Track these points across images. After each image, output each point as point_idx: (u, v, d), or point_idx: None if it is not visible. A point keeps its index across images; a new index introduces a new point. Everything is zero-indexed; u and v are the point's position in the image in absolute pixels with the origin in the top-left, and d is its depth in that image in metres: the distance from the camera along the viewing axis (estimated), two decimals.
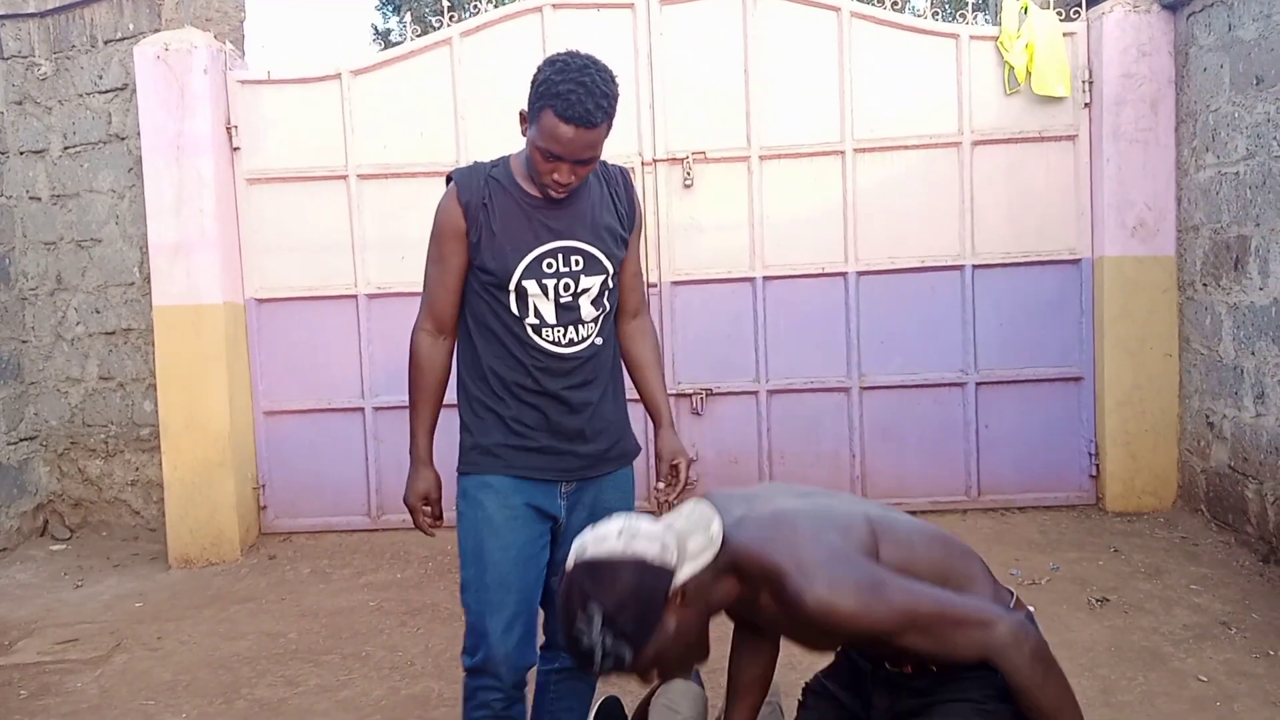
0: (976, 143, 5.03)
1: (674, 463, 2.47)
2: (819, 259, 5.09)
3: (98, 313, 5.62)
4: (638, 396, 2.56)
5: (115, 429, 5.65)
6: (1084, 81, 4.95)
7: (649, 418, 2.56)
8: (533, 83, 2.17)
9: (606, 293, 2.36)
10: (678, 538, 1.78)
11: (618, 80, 2.20)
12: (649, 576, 1.71)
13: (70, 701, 3.59)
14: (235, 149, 5.13)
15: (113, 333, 5.59)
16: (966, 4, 5.11)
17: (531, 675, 2.44)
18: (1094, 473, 5.07)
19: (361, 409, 5.25)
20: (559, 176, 2.20)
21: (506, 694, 2.30)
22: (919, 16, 5.22)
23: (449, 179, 2.38)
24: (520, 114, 2.24)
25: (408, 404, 2.42)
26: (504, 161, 2.37)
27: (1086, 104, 4.96)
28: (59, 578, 5.05)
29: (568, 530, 2.37)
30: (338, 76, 5.14)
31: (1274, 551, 4.14)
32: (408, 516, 2.44)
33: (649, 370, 2.54)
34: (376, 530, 5.21)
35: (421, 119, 5.12)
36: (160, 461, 5.13)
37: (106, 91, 5.48)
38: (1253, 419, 4.30)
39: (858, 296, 5.09)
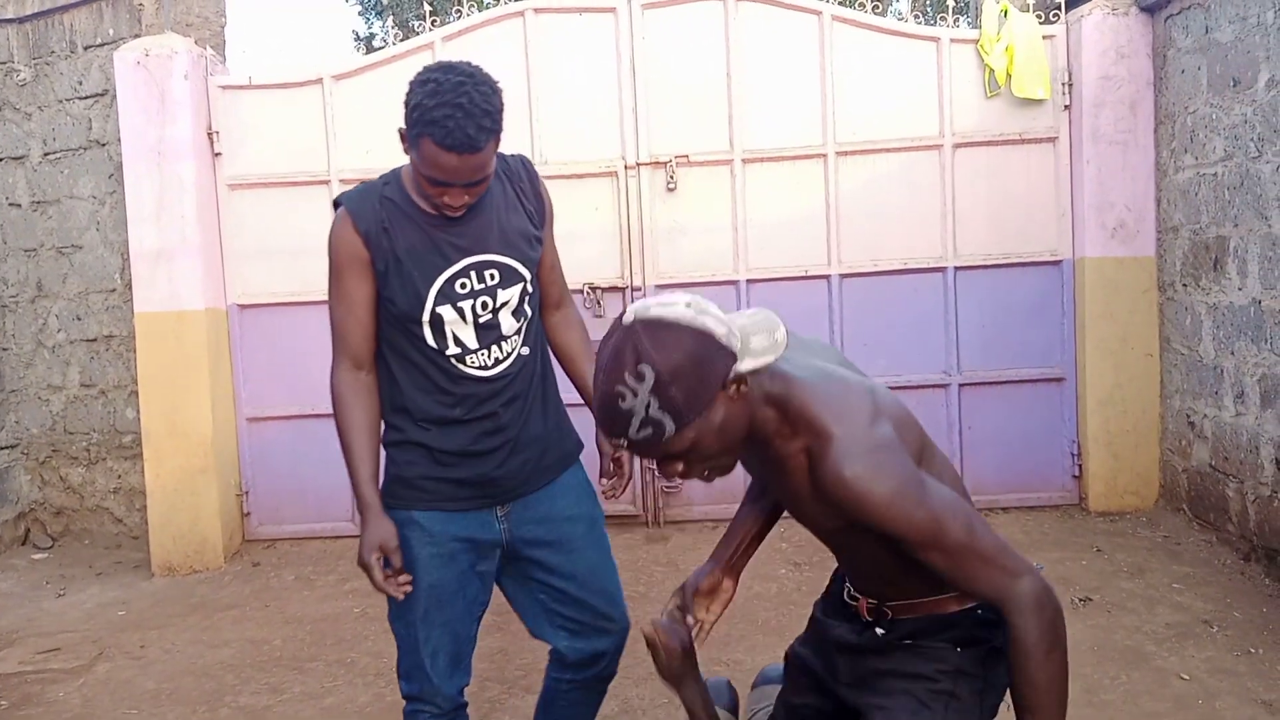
0: (958, 145, 5.05)
1: (615, 456, 2.34)
2: (802, 262, 5.10)
3: (79, 320, 5.59)
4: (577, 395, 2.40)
5: (97, 436, 5.62)
6: (1063, 84, 4.98)
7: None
8: (407, 105, 1.98)
9: (527, 299, 2.20)
10: (741, 331, 1.60)
11: (501, 89, 2.01)
12: (712, 351, 1.54)
13: (53, 711, 3.56)
14: (217, 154, 5.11)
15: (94, 340, 5.56)
16: (947, 7, 5.14)
17: (518, 697, 2.39)
18: (1076, 473, 5.10)
19: None
20: (450, 199, 2.03)
21: (444, 714, 2.27)
22: (900, 20, 5.25)
23: (336, 204, 2.17)
24: (399, 132, 2.04)
25: (341, 451, 2.20)
26: (395, 178, 2.17)
27: (1066, 106, 4.99)
28: (41, 586, 5.01)
29: (520, 546, 2.25)
30: (319, 81, 5.13)
31: (1255, 550, 4.17)
32: None
33: (580, 361, 2.37)
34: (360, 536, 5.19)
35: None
36: (142, 469, 5.10)
37: (86, 97, 5.46)
38: (1233, 418, 4.34)
39: (840, 299, 5.10)
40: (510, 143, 2.20)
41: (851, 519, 1.59)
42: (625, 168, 5.08)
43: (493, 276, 2.14)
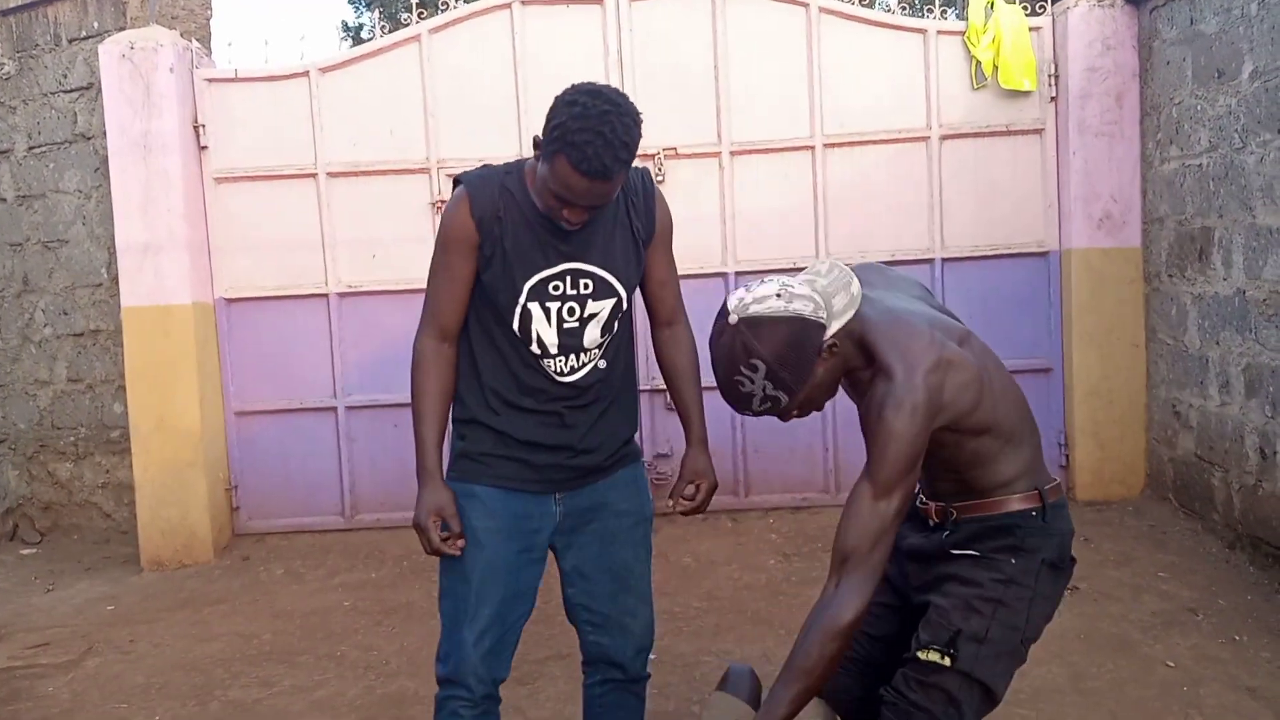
0: (944, 137, 5.07)
1: (696, 483, 2.36)
2: (790, 253, 5.11)
3: (65, 314, 5.57)
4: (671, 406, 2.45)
5: (85, 431, 5.60)
6: (1050, 75, 5.00)
7: (683, 425, 2.43)
8: (549, 118, 2.03)
9: (618, 316, 2.24)
10: (824, 296, 1.91)
11: (642, 120, 2.06)
12: (807, 331, 1.87)
13: (41, 706, 3.56)
14: (203, 147, 5.09)
15: (81, 334, 5.55)
16: None
17: (507, 688, 2.37)
18: (1064, 463, 5.12)
19: (334, 408, 5.23)
20: (570, 215, 2.07)
21: (476, 705, 2.23)
22: (888, 12, 5.26)
23: (456, 182, 2.21)
24: (535, 140, 2.09)
25: (412, 415, 2.23)
26: (518, 170, 2.20)
27: (1052, 98, 5.01)
28: (29, 582, 5.00)
29: (566, 529, 2.28)
30: (306, 74, 5.11)
31: (1240, 538, 4.20)
32: (382, 515, 2.26)
33: (683, 380, 2.40)
34: (350, 530, 5.19)
35: (391, 116, 5.10)
36: (130, 464, 5.08)
37: (71, 91, 5.43)
38: (1218, 408, 4.36)
39: None
40: (499, 134, 2.20)
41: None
42: None
43: (586, 286, 2.18)
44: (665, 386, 2.46)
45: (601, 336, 2.23)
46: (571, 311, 2.18)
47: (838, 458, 5.17)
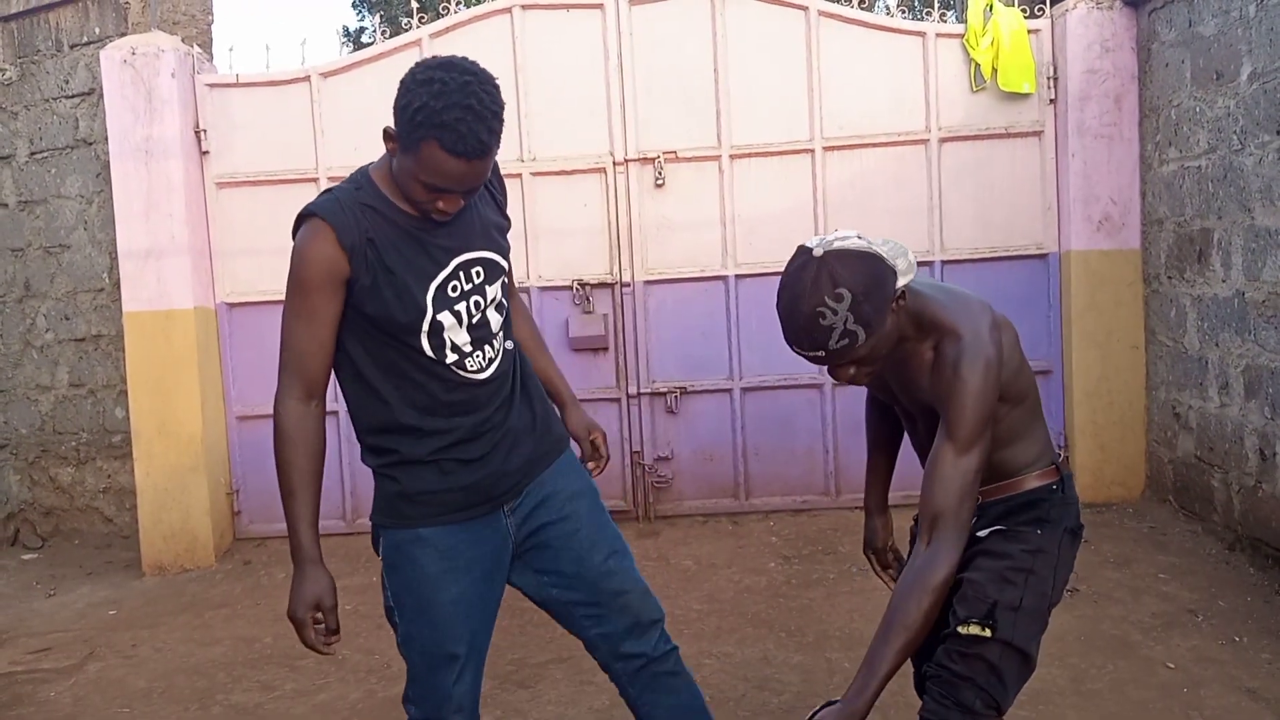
0: (944, 139, 5.07)
1: (592, 438, 2.32)
2: (790, 256, 5.11)
3: (67, 319, 5.58)
4: None
5: (86, 436, 5.61)
6: (1049, 78, 5.01)
7: (553, 400, 2.35)
8: (404, 106, 1.85)
9: (504, 291, 2.12)
10: (889, 255, 1.93)
11: (499, 83, 1.91)
12: (886, 271, 1.88)
13: (44, 711, 3.57)
14: (204, 152, 5.11)
15: (83, 339, 5.56)
16: (933, 2, 5.16)
17: (508, 691, 2.34)
18: None
19: (335, 412, 5.22)
20: (446, 205, 1.90)
21: None
22: (887, 15, 5.27)
23: (306, 215, 1.96)
24: (385, 132, 1.91)
25: (280, 490, 2.06)
26: (366, 181, 2.00)
27: (1051, 100, 5.02)
28: (31, 587, 5.01)
29: (526, 536, 2.15)
30: (307, 79, 5.13)
31: (1240, 540, 4.20)
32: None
33: (533, 347, 2.31)
34: (352, 534, 5.19)
35: (392, 121, 5.10)
36: (132, 468, 5.09)
37: (73, 96, 5.45)
38: (1217, 409, 4.37)
39: None
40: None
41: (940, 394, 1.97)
42: (614, 164, 5.09)
43: (479, 274, 2.04)
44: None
45: (500, 316, 2.10)
46: (477, 305, 2.04)
47: (838, 460, 5.18)
